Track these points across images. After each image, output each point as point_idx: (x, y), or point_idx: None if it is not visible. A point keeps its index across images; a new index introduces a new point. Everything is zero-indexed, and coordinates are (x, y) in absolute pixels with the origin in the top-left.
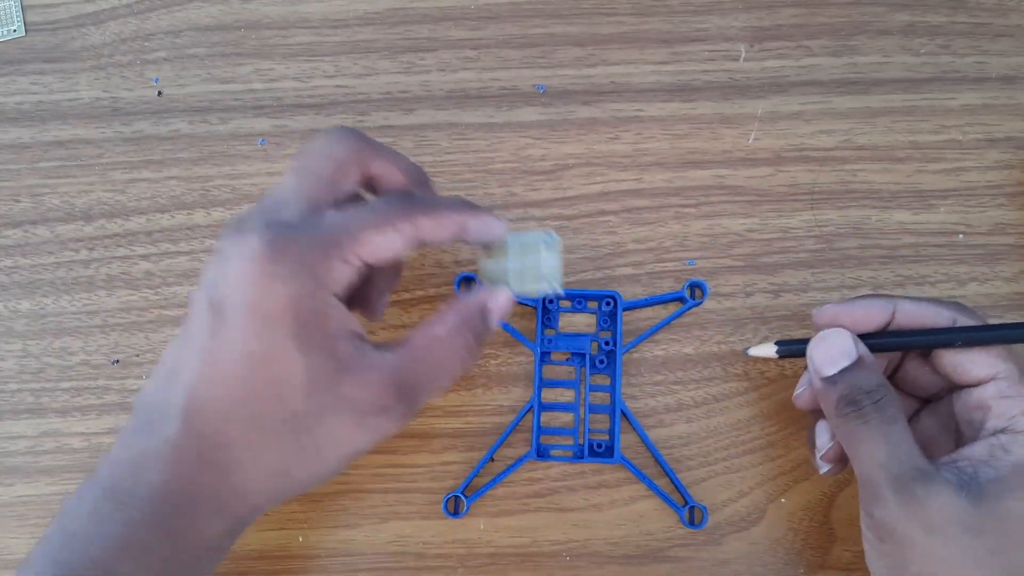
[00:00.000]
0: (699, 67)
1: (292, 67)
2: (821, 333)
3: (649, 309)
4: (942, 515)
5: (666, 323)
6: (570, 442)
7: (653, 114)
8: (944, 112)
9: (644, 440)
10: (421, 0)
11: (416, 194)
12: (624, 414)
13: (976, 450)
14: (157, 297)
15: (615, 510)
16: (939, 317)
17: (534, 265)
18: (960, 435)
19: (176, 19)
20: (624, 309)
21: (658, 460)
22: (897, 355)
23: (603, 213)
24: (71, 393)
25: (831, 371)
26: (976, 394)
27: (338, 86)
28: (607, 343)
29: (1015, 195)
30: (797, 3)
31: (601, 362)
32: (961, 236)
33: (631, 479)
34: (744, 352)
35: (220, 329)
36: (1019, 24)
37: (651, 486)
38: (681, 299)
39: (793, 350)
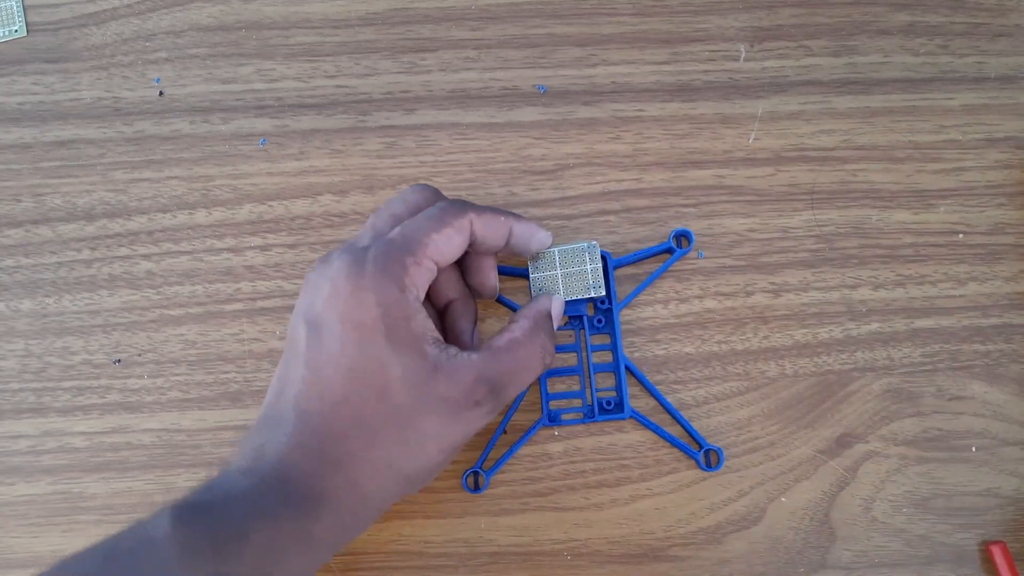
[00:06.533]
0: (699, 67)
1: (293, 67)
2: None
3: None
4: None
5: (658, 274)
6: (579, 404)
7: (653, 114)
8: (944, 112)
9: (650, 390)
10: (422, 0)
11: (465, 200)
12: (629, 369)
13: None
14: (159, 297)
15: (615, 509)
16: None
17: (580, 273)
18: None
19: (177, 19)
20: (614, 267)
21: (667, 408)
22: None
23: (604, 213)
24: (73, 392)
25: None
26: None
27: (339, 86)
28: (602, 302)
29: (1015, 195)
30: (797, 3)
31: (599, 321)
32: (961, 236)
33: (631, 478)
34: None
35: (318, 342)
36: (1018, 24)
37: (663, 435)
38: (669, 250)
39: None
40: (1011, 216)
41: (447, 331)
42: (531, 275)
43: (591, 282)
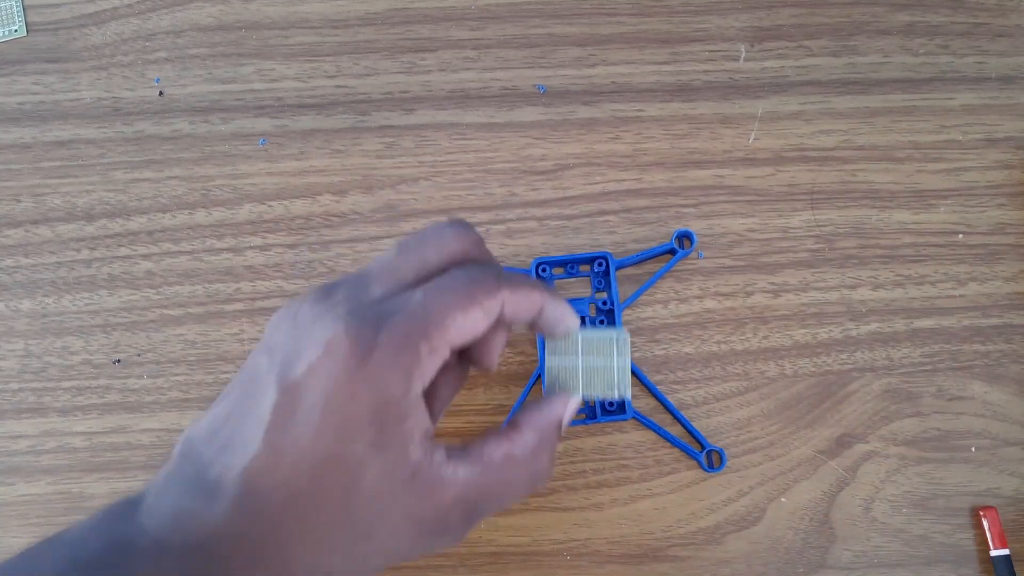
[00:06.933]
0: (699, 67)
1: (293, 67)
2: None
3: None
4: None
5: (660, 275)
6: (581, 405)
7: (653, 114)
8: (944, 112)
9: (653, 392)
10: (422, 0)
11: (494, 265)
12: (634, 372)
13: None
14: (159, 296)
15: (615, 509)
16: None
17: (605, 368)
18: None
19: (177, 19)
20: (616, 268)
21: (668, 409)
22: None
23: (603, 213)
24: (72, 392)
25: None
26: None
27: (339, 86)
28: (604, 303)
29: (1015, 195)
30: (797, 3)
31: (601, 323)
32: (961, 236)
33: (631, 478)
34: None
35: (290, 418)
36: (1018, 24)
37: (666, 436)
38: (671, 251)
39: None
40: (1011, 216)
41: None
42: (547, 360)
43: (617, 382)
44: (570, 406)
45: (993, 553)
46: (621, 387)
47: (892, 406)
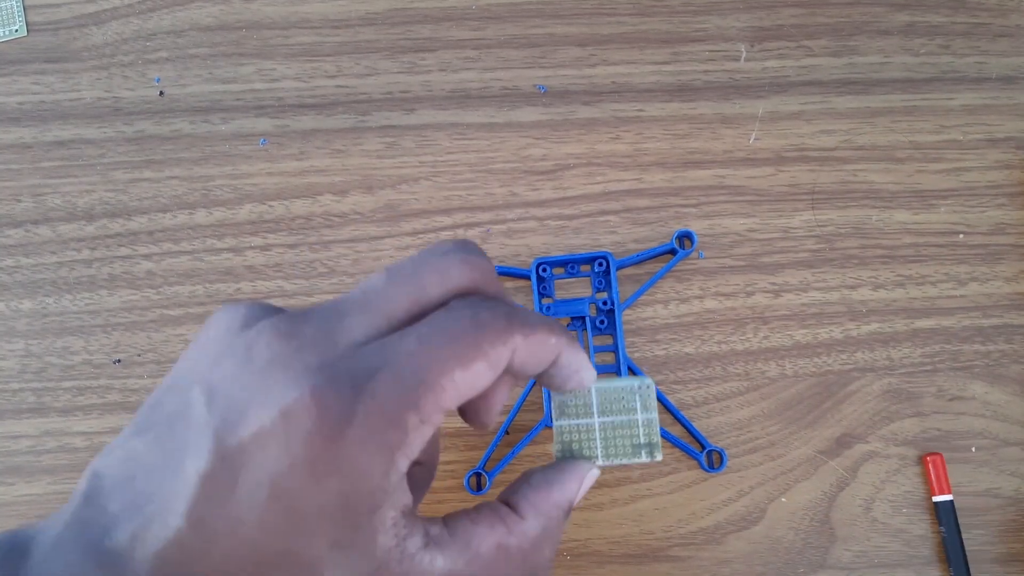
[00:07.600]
0: (699, 67)
1: (293, 67)
2: None
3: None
4: None
5: (661, 275)
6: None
7: (654, 114)
8: (944, 112)
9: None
10: (422, 0)
11: (504, 302)
12: (631, 369)
13: None
14: (159, 296)
15: (615, 509)
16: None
17: (628, 425)
18: None
19: (178, 19)
20: (617, 268)
21: (669, 409)
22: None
23: (604, 213)
24: (73, 392)
25: None
26: None
27: (339, 86)
28: (605, 303)
29: (1015, 195)
30: (797, 3)
31: (601, 323)
32: (961, 236)
33: (631, 478)
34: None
35: (227, 497)
36: (1019, 24)
37: (665, 435)
38: (672, 251)
39: None
40: (1012, 216)
41: None
42: (555, 422)
43: (643, 440)
44: (586, 481)
45: (936, 499)
46: (650, 447)
47: (892, 406)
